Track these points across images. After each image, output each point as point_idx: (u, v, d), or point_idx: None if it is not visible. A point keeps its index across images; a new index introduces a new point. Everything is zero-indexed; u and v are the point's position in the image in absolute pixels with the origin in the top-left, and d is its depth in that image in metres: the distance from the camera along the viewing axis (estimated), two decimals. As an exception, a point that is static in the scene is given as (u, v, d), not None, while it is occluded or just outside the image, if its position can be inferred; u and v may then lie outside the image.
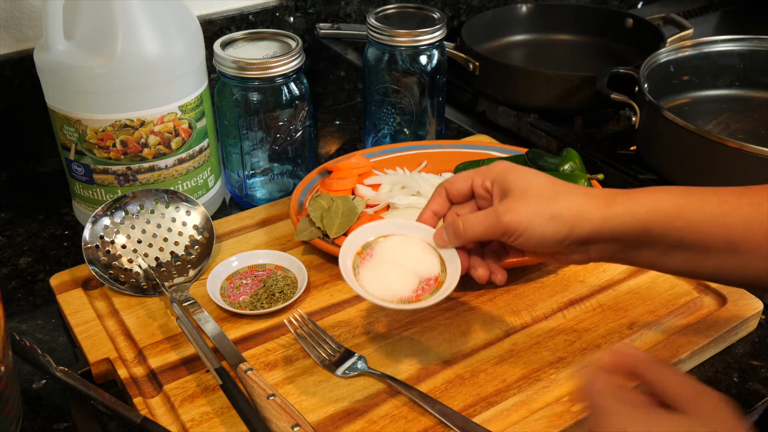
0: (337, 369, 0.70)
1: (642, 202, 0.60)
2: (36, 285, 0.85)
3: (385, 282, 0.67)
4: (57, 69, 0.80)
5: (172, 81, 0.83)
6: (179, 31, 0.84)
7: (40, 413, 0.69)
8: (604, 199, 0.61)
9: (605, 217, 0.60)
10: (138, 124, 0.83)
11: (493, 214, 0.62)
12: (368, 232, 0.70)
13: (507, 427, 0.65)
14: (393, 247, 0.70)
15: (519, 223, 0.61)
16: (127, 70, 0.80)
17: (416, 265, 0.68)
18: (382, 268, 0.68)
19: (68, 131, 0.84)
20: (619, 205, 0.60)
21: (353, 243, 0.70)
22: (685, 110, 1.10)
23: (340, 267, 0.67)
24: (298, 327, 0.75)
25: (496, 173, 0.65)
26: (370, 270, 0.68)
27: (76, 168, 0.87)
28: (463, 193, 0.67)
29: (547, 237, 0.61)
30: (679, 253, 0.61)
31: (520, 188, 0.62)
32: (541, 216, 0.61)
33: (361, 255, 0.69)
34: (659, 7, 1.64)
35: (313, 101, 1.11)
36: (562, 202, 0.61)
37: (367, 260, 0.69)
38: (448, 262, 0.68)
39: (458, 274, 0.66)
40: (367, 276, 0.68)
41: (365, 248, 0.70)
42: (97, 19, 0.79)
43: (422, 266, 0.68)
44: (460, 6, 1.38)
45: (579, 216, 0.60)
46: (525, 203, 0.61)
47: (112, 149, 0.84)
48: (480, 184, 0.66)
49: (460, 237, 0.65)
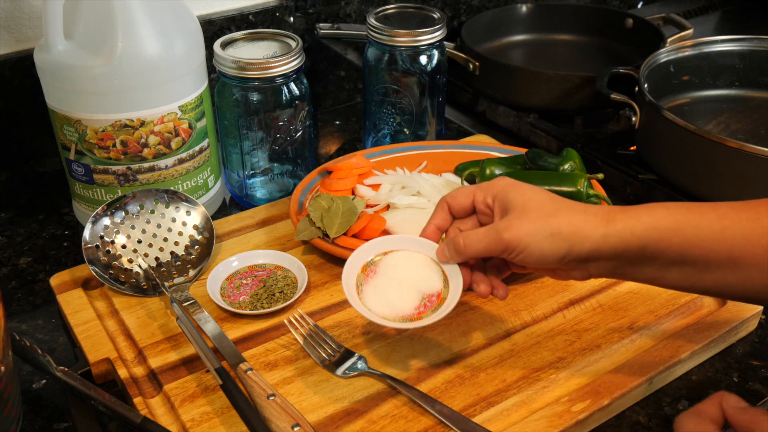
0: (337, 369, 0.70)
1: (641, 218, 0.60)
2: (36, 285, 0.85)
3: (387, 299, 0.68)
4: (57, 69, 0.80)
5: (172, 81, 0.83)
6: (179, 31, 0.84)
7: (40, 413, 0.69)
8: (603, 217, 0.61)
9: (605, 236, 0.60)
10: (138, 124, 0.83)
11: (494, 231, 0.63)
12: (372, 248, 0.71)
13: (507, 427, 0.65)
14: (396, 264, 0.70)
15: (519, 241, 0.61)
16: (127, 70, 0.80)
17: (419, 282, 0.69)
18: (385, 285, 0.69)
19: (68, 131, 0.84)
20: (619, 222, 0.60)
21: (357, 260, 0.71)
22: (685, 110, 1.10)
23: (343, 286, 0.68)
24: (298, 327, 0.75)
25: (498, 190, 0.65)
26: (373, 287, 0.69)
27: (76, 168, 0.86)
28: (465, 208, 0.68)
29: (546, 254, 0.61)
30: (679, 268, 0.61)
31: (521, 205, 0.63)
32: (540, 233, 0.61)
33: (365, 272, 0.70)
34: (659, 7, 1.64)
35: (313, 101, 1.11)
36: (562, 219, 0.61)
37: (371, 277, 0.70)
38: (451, 278, 0.69)
39: (459, 291, 0.67)
40: (369, 293, 0.69)
41: (369, 265, 0.71)
42: (97, 19, 0.79)
43: (425, 283, 0.69)
44: (460, 6, 1.38)
45: (579, 234, 0.61)
46: (525, 220, 0.62)
47: (112, 149, 0.84)
48: (481, 200, 0.67)
49: (461, 253, 0.66)
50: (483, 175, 0.89)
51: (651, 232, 0.60)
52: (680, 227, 0.59)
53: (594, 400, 0.66)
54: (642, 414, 0.69)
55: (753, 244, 0.58)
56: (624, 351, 0.73)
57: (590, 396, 0.67)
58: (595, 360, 0.72)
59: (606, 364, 0.71)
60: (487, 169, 0.89)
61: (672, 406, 0.70)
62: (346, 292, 0.68)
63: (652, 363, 0.70)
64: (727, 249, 0.58)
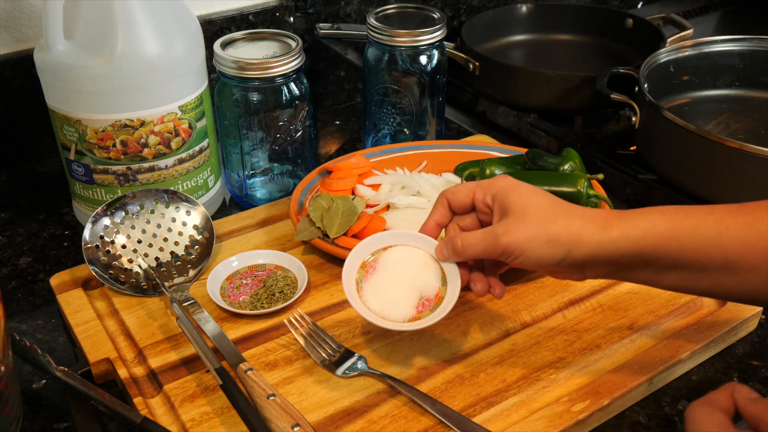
0: (337, 369, 0.70)
1: (637, 224, 0.60)
2: (36, 285, 0.85)
3: (386, 299, 0.69)
4: (57, 69, 0.80)
5: (172, 81, 0.83)
6: (179, 31, 0.84)
7: (40, 413, 0.69)
8: (601, 223, 0.61)
9: (601, 242, 0.61)
10: (138, 124, 0.83)
11: (492, 235, 0.63)
12: (372, 243, 0.71)
13: (507, 427, 0.65)
14: (396, 260, 0.71)
15: (517, 245, 0.62)
16: (127, 70, 0.80)
17: (418, 281, 0.70)
18: (384, 283, 0.70)
19: (68, 131, 0.84)
20: (615, 229, 0.61)
21: (357, 256, 0.71)
22: (685, 110, 1.10)
23: (343, 284, 0.68)
24: (298, 327, 0.75)
25: (497, 190, 0.65)
26: (373, 285, 0.70)
27: (76, 168, 0.87)
28: (465, 205, 0.68)
29: (544, 259, 0.62)
30: (675, 272, 0.61)
31: (520, 208, 0.63)
32: (538, 239, 0.61)
33: (365, 268, 0.70)
34: (659, 7, 1.64)
35: (313, 101, 1.11)
36: (559, 225, 0.62)
37: (371, 274, 0.70)
38: (449, 277, 0.69)
39: (457, 292, 0.68)
40: (369, 292, 0.69)
41: (369, 261, 0.71)
42: (97, 19, 0.79)
43: (423, 281, 0.70)
44: (460, 6, 1.38)
45: (576, 240, 0.61)
46: (523, 225, 0.62)
47: (112, 149, 0.84)
48: (481, 199, 0.67)
49: (458, 255, 0.67)
50: (483, 175, 0.89)
51: (647, 238, 0.60)
52: (676, 233, 0.59)
53: (594, 400, 0.66)
54: (642, 414, 0.69)
55: (749, 247, 0.58)
56: (624, 351, 0.73)
57: (590, 396, 0.67)
58: (595, 360, 0.72)
59: (606, 364, 0.71)
60: (487, 169, 0.89)
61: (672, 406, 0.70)
62: (346, 290, 0.68)
63: (652, 363, 0.70)
64: (723, 253, 0.58)
